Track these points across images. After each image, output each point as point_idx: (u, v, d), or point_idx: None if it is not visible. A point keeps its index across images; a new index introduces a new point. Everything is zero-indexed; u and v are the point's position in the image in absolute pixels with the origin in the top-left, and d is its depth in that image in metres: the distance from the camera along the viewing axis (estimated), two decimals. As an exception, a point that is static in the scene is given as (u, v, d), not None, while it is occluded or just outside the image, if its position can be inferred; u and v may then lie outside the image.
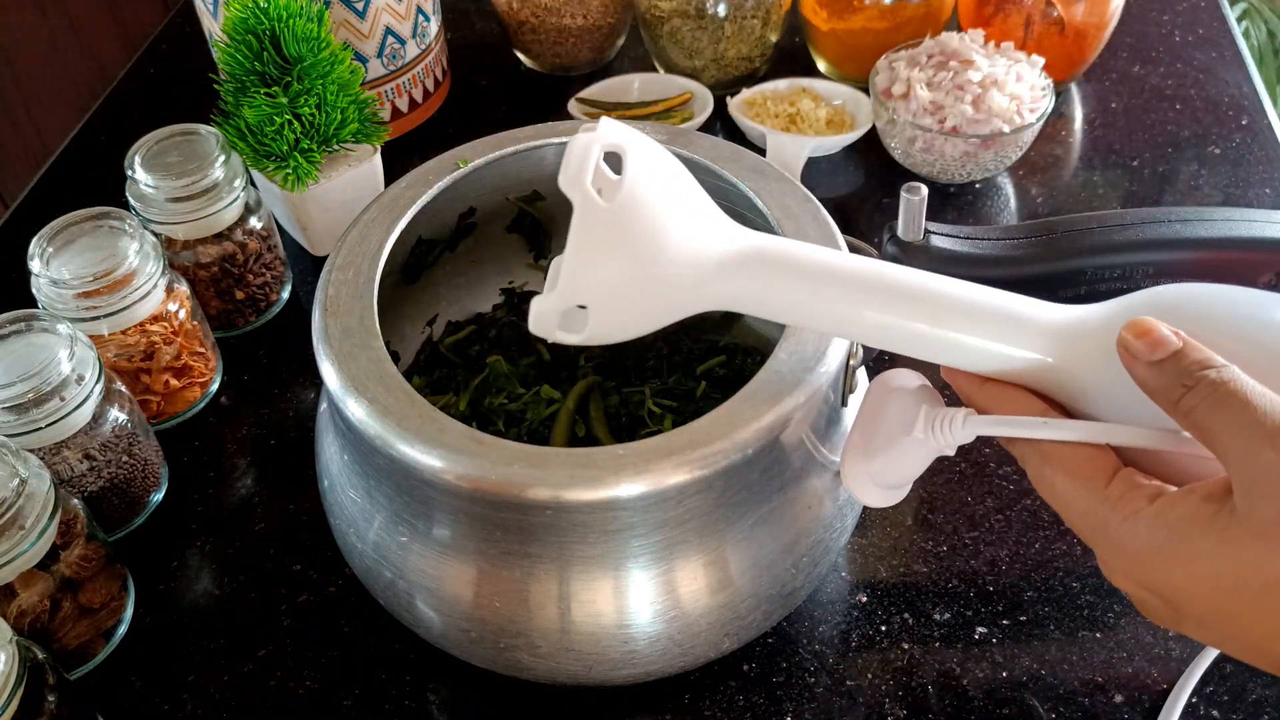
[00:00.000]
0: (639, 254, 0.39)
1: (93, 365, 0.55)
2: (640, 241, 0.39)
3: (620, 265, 0.39)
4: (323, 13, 0.68)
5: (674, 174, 0.41)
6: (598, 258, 0.39)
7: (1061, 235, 0.59)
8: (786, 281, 0.41)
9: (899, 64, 0.78)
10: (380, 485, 0.46)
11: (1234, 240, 0.56)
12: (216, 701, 0.53)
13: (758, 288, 0.41)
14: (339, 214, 0.71)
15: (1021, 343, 0.40)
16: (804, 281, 0.41)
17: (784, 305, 0.41)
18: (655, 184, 0.40)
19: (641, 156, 0.40)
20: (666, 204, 0.40)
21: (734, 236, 0.42)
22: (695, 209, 0.41)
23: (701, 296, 0.41)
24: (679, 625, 0.45)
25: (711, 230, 0.42)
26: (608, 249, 0.39)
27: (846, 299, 0.41)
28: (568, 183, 0.38)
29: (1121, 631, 0.53)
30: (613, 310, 0.40)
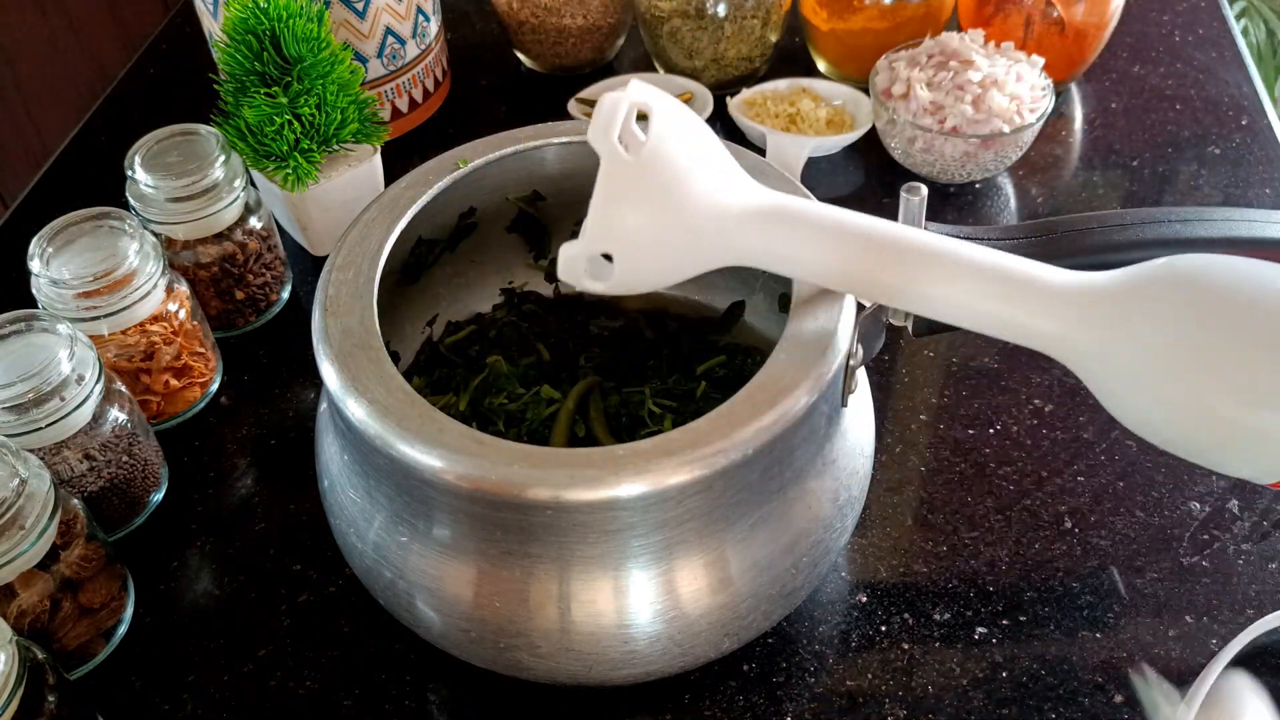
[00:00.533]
0: (663, 204, 0.41)
1: (93, 365, 0.55)
2: (664, 192, 0.40)
3: (644, 214, 0.41)
4: (323, 13, 0.68)
5: (699, 133, 0.43)
6: (623, 207, 0.40)
7: (1061, 235, 0.59)
8: (806, 236, 0.42)
9: (899, 64, 0.78)
10: (380, 485, 0.46)
11: (1234, 240, 0.56)
12: (216, 701, 0.53)
13: (778, 241, 0.42)
14: (339, 214, 0.71)
15: (1033, 307, 0.41)
16: (823, 237, 0.42)
17: (803, 259, 0.43)
18: (680, 141, 0.41)
19: (667, 115, 0.41)
20: (690, 159, 0.41)
21: (756, 192, 0.43)
22: (719, 166, 0.43)
23: (724, 247, 0.43)
24: (679, 625, 0.45)
25: (734, 186, 0.43)
26: (633, 199, 0.40)
27: (863, 257, 0.42)
28: (596, 136, 0.40)
29: (1121, 631, 0.53)
30: (637, 258, 0.41)
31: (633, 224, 0.41)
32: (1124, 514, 0.58)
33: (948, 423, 0.63)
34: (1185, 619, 0.53)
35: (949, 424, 0.62)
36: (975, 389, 0.64)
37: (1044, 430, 0.62)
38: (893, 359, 0.66)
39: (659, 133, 0.40)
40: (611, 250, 0.41)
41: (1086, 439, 0.61)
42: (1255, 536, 0.56)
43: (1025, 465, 0.60)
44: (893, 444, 0.62)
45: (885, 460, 0.61)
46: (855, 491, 0.50)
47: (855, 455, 0.50)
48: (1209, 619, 0.53)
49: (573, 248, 0.41)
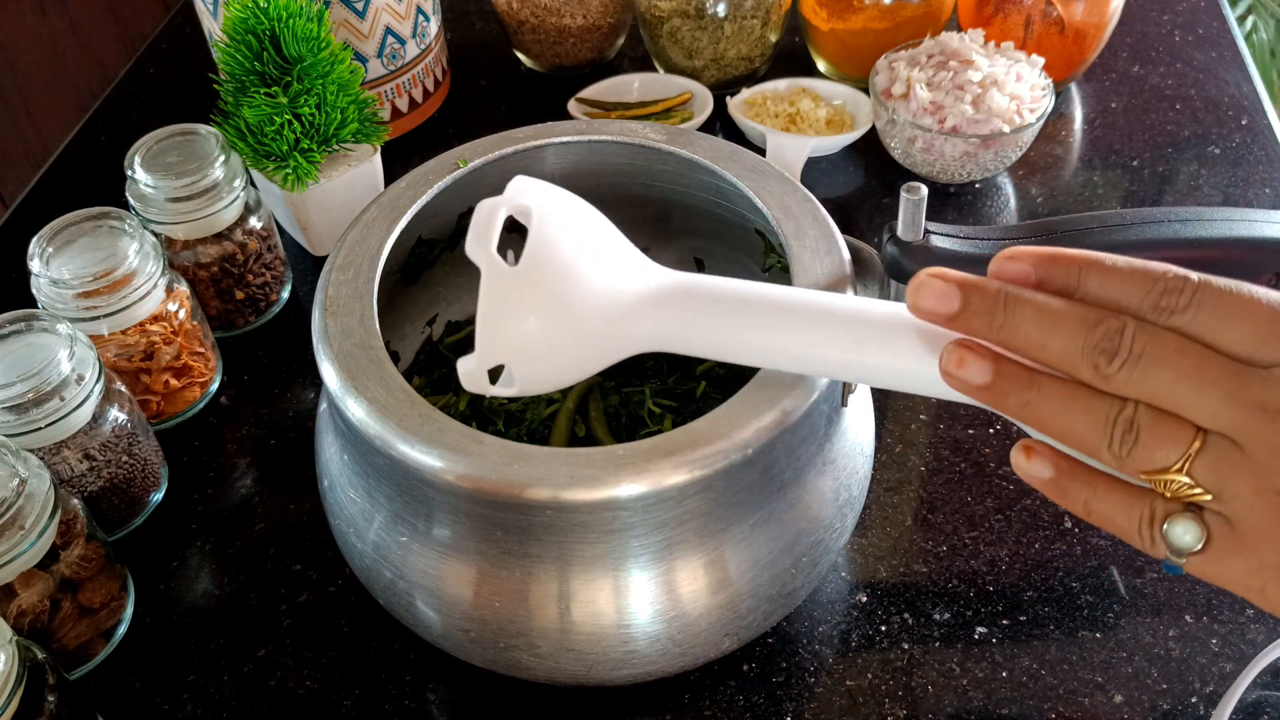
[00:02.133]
0: (549, 309, 0.40)
1: (93, 365, 0.55)
2: (549, 296, 0.40)
3: (532, 323, 0.40)
4: (323, 13, 0.68)
5: (587, 225, 0.42)
6: (507, 321, 0.40)
7: (1061, 235, 0.59)
8: (704, 315, 0.41)
9: (899, 64, 0.78)
10: (380, 485, 0.46)
11: (1234, 240, 0.56)
12: (216, 701, 0.53)
13: (677, 326, 0.41)
14: (339, 214, 0.71)
15: None
16: (721, 313, 0.41)
17: (706, 340, 0.41)
18: (563, 240, 0.40)
19: (547, 216, 0.40)
20: (575, 254, 0.40)
21: (651, 275, 0.42)
22: (610, 255, 0.42)
23: (622, 339, 0.42)
24: (679, 625, 0.45)
25: (627, 275, 0.42)
26: (518, 310, 0.40)
27: (764, 329, 0.40)
28: (473, 248, 0.39)
29: (1121, 631, 0.53)
30: (533, 365, 0.41)
31: (520, 337, 0.40)
32: (1124, 514, 0.58)
33: (948, 422, 0.63)
34: (1185, 619, 0.53)
35: (949, 424, 0.62)
36: (975, 389, 0.64)
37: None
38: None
39: (536, 238, 0.40)
40: (505, 362, 0.41)
41: (1086, 439, 0.61)
42: (1255, 536, 0.56)
43: (1025, 465, 0.60)
44: (893, 444, 0.62)
45: (885, 460, 0.61)
46: (855, 491, 0.50)
47: (855, 455, 0.50)
48: (1209, 619, 0.53)
49: (468, 362, 0.40)
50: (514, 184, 0.41)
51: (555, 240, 0.40)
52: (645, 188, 0.58)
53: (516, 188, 0.41)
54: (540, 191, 0.41)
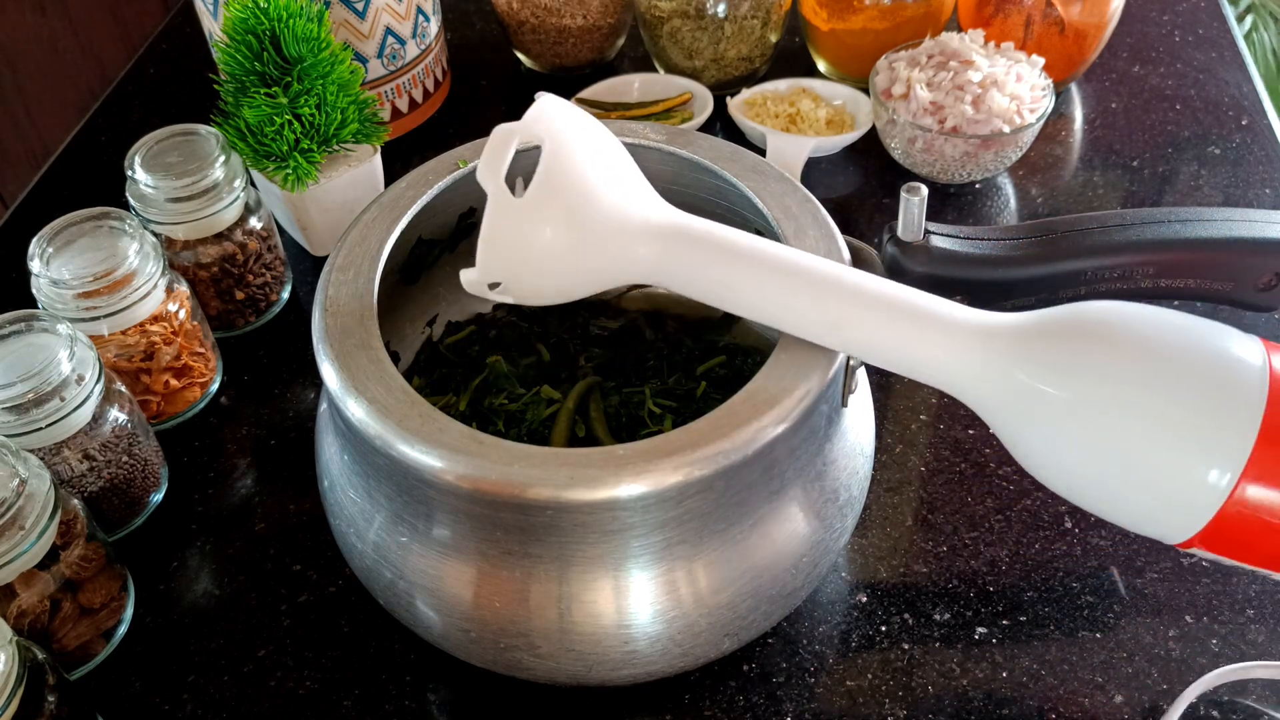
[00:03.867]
0: (550, 238, 0.41)
1: (93, 365, 0.55)
2: (552, 228, 0.41)
3: (531, 250, 0.42)
4: (323, 13, 0.68)
5: (599, 154, 0.42)
6: (506, 248, 0.41)
7: (1061, 235, 0.59)
8: (708, 257, 0.42)
9: (899, 64, 0.78)
10: (380, 485, 0.46)
11: (1234, 240, 0.56)
12: (216, 701, 0.53)
13: (675, 261, 0.43)
14: (339, 214, 0.71)
15: (937, 342, 0.41)
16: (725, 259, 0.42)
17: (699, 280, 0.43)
18: (570, 171, 0.41)
19: (559, 146, 0.41)
20: (582, 192, 0.41)
21: (661, 210, 0.43)
22: (617, 186, 0.42)
23: (618, 268, 0.43)
24: (679, 625, 0.45)
25: (634, 204, 0.43)
26: (518, 238, 0.41)
27: (765, 283, 0.42)
28: (482, 174, 0.40)
29: (1121, 631, 0.53)
30: (529, 284, 0.43)
31: (517, 262, 0.42)
32: (1124, 514, 0.58)
33: (948, 423, 0.63)
34: (1185, 619, 0.53)
35: (949, 424, 0.62)
36: (975, 389, 0.64)
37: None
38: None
39: (544, 171, 0.41)
40: (502, 281, 0.42)
41: (1086, 439, 0.61)
42: (1255, 536, 0.56)
43: (1025, 465, 0.60)
44: (893, 444, 0.62)
45: (885, 460, 0.61)
46: (855, 491, 0.50)
47: (855, 455, 0.50)
48: (1209, 619, 0.53)
49: (470, 274, 0.43)
50: (533, 109, 0.42)
51: (561, 173, 0.41)
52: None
53: (534, 115, 0.41)
54: (556, 120, 0.42)
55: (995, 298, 0.59)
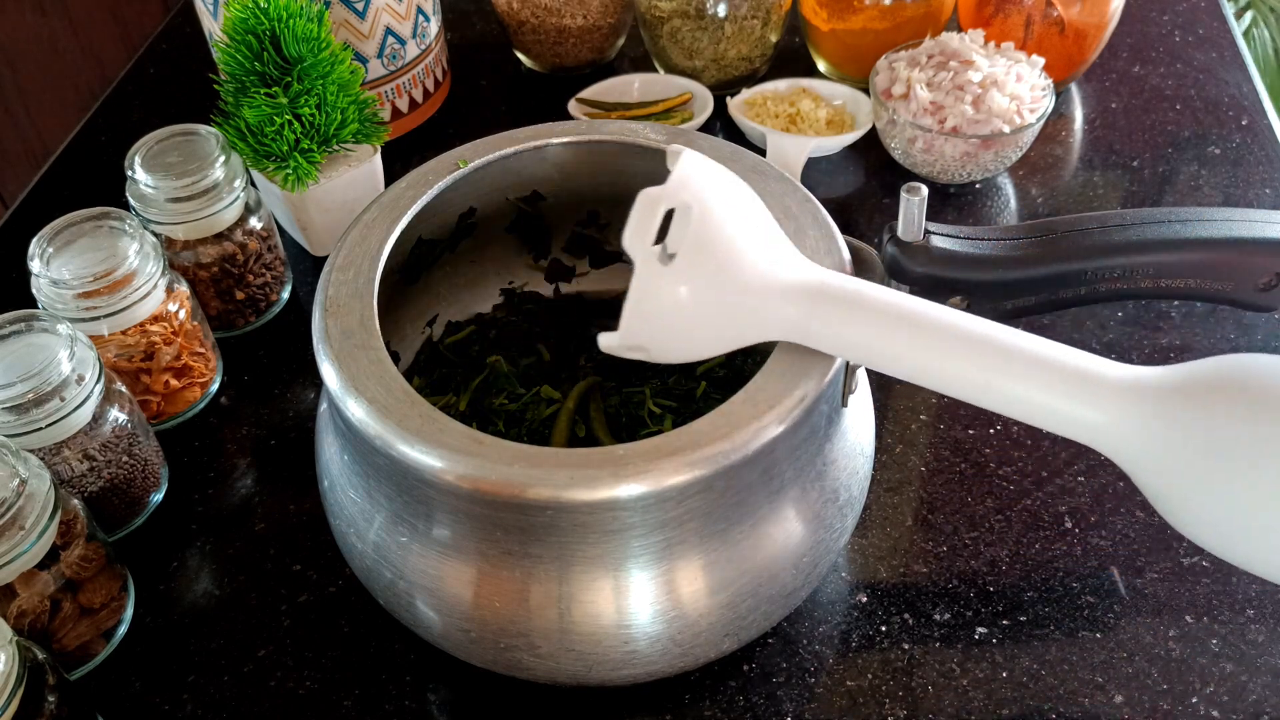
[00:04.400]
0: (696, 304, 0.41)
1: (93, 365, 0.55)
2: (698, 293, 0.41)
3: (677, 318, 0.42)
4: (323, 13, 0.68)
5: (744, 214, 0.42)
6: (652, 314, 0.41)
7: (1061, 235, 0.59)
8: (842, 317, 0.42)
9: (899, 64, 0.78)
10: (380, 485, 0.46)
11: (1234, 240, 0.56)
12: (216, 701, 0.53)
13: (821, 322, 0.42)
14: (339, 214, 0.71)
15: (1080, 399, 0.40)
16: (866, 321, 0.42)
17: (845, 342, 0.43)
18: (717, 237, 0.41)
19: (706, 212, 0.41)
20: (728, 254, 0.41)
21: (803, 269, 0.43)
22: (759, 251, 0.42)
23: (762, 327, 0.43)
24: (679, 625, 0.45)
25: (778, 264, 0.43)
26: (660, 307, 0.41)
27: (909, 343, 0.42)
28: (630, 241, 0.40)
29: (1121, 631, 0.53)
30: (670, 349, 0.43)
31: (662, 329, 0.42)
32: (1124, 514, 0.58)
33: (948, 422, 0.63)
34: (1185, 619, 0.53)
35: (949, 424, 0.62)
36: (975, 389, 0.64)
37: (1044, 430, 0.62)
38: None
39: (695, 235, 0.41)
40: (644, 344, 0.42)
41: (1086, 439, 0.61)
42: (1255, 536, 0.56)
43: (1025, 465, 0.60)
44: (893, 444, 0.62)
45: (885, 460, 0.61)
46: (855, 491, 0.50)
47: (855, 455, 0.50)
48: (1209, 619, 0.53)
49: (610, 339, 0.42)
50: (678, 172, 0.41)
51: (709, 238, 0.41)
52: (645, 188, 0.58)
53: (679, 179, 0.41)
54: (700, 181, 0.42)
55: (995, 298, 0.59)
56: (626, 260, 0.64)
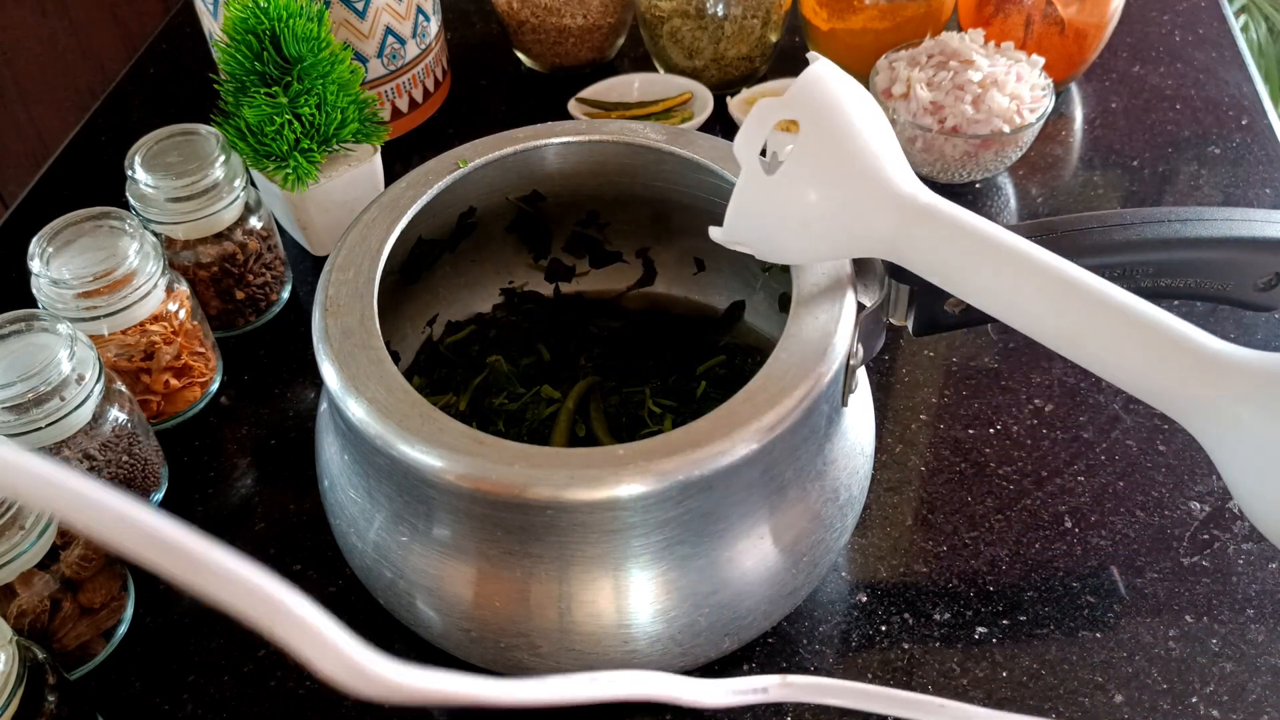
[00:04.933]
0: (792, 221, 0.43)
1: (93, 365, 0.55)
2: (791, 212, 0.42)
3: (773, 225, 0.43)
4: (323, 13, 0.68)
5: (855, 134, 0.42)
6: (753, 219, 0.43)
7: (1061, 235, 0.59)
8: (939, 240, 0.42)
9: (899, 64, 0.78)
10: (380, 485, 0.46)
11: (1234, 240, 0.56)
12: (216, 701, 0.53)
13: (916, 246, 0.43)
14: (339, 214, 0.71)
15: (1174, 367, 0.39)
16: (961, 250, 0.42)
17: (935, 264, 0.43)
18: (823, 154, 0.42)
19: (814, 130, 0.42)
20: (832, 172, 0.42)
21: (904, 190, 0.43)
22: (868, 166, 0.43)
23: (856, 241, 0.44)
24: (679, 625, 0.45)
25: (879, 184, 0.43)
26: (762, 214, 0.43)
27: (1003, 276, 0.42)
28: (740, 147, 0.42)
29: (1121, 631, 0.53)
30: (773, 250, 0.45)
31: (763, 233, 0.43)
32: (1124, 514, 0.58)
33: (948, 422, 0.63)
34: (1185, 619, 0.53)
35: (949, 424, 0.62)
36: (975, 389, 0.64)
37: (1044, 430, 0.62)
38: (893, 359, 0.66)
39: (800, 153, 0.42)
40: (745, 245, 0.44)
41: (1086, 439, 0.61)
42: (1256, 536, 0.56)
43: (1025, 465, 0.60)
44: (893, 444, 0.62)
45: (885, 460, 0.61)
46: (855, 491, 0.50)
47: (855, 455, 0.50)
48: (1209, 619, 0.53)
49: (718, 232, 0.44)
50: (796, 86, 0.42)
51: (813, 155, 0.42)
52: (645, 188, 0.58)
53: (796, 92, 0.42)
54: (816, 97, 0.42)
55: (995, 297, 0.58)
56: (626, 260, 0.64)
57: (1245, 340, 0.66)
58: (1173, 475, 0.59)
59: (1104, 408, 0.63)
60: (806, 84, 0.42)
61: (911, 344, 0.67)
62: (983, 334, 0.67)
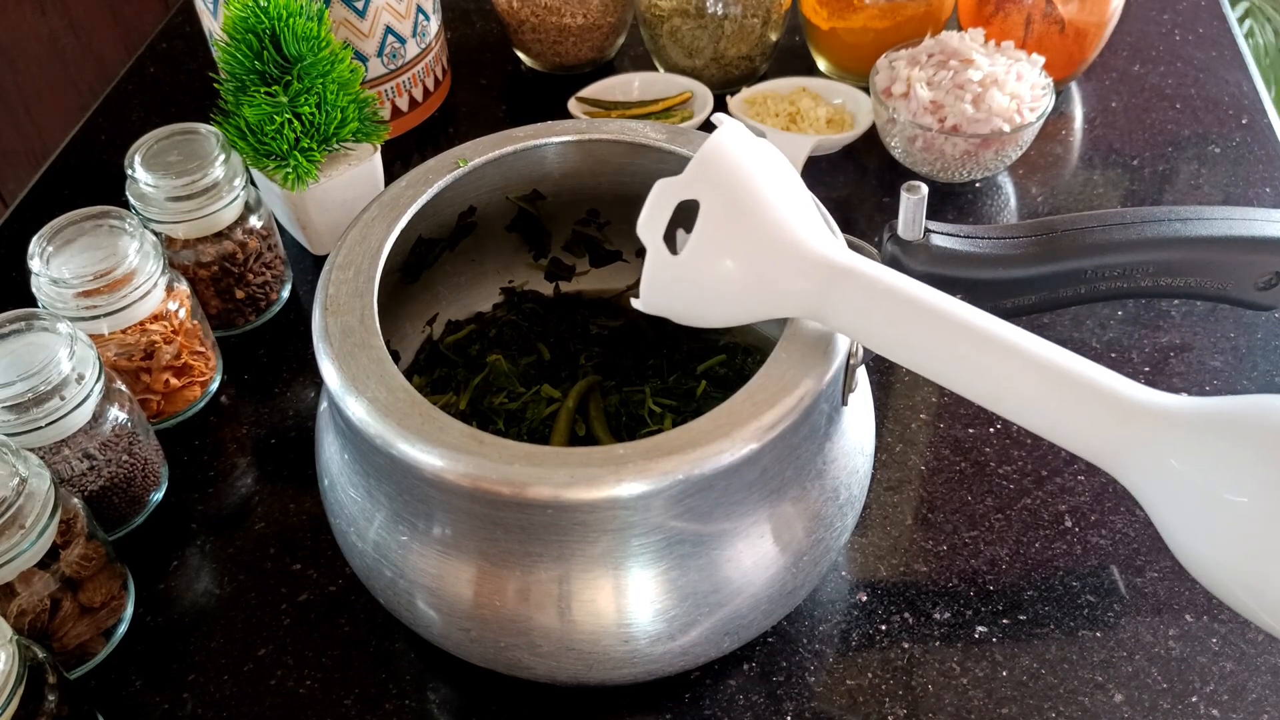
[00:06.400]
0: (705, 294, 0.43)
1: (93, 364, 0.55)
2: (705, 285, 0.43)
3: (687, 300, 0.44)
4: (323, 12, 0.68)
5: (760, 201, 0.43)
6: (668, 295, 0.44)
7: (1061, 234, 0.59)
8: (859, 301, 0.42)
9: (899, 63, 0.78)
10: (380, 484, 0.46)
11: (1234, 240, 0.56)
12: (216, 701, 0.53)
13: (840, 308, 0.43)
14: (339, 213, 0.71)
15: (1097, 419, 0.39)
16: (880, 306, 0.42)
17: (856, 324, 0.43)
18: (728, 225, 0.42)
19: (714, 207, 0.42)
20: (738, 243, 0.42)
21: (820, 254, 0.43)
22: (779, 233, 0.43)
23: (778, 302, 0.44)
24: (679, 624, 0.45)
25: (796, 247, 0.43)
26: (676, 290, 0.43)
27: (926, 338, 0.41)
28: (641, 230, 0.42)
29: (1121, 631, 0.53)
30: (690, 317, 0.45)
31: (680, 300, 0.44)
32: (1124, 513, 0.58)
33: (948, 421, 0.63)
34: (1185, 618, 0.53)
35: (949, 423, 0.62)
36: (975, 388, 0.64)
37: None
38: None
39: (703, 231, 0.42)
40: (667, 312, 0.45)
41: (1087, 438, 0.61)
42: (1255, 536, 0.56)
43: (1025, 464, 0.60)
44: (893, 443, 0.62)
45: (885, 460, 0.61)
46: (855, 491, 0.50)
47: (855, 455, 0.50)
48: (1209, 618, 0.53)
49: (636, 303, 0.45)
50: (692, 166, 0.42)
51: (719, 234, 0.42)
52: (645, 188, 0.57)
53: (694, 172, 0.42)
54: (722, 167, 0.42)
55: (995, 296, 0.59)
56: (626, 259, 0.64)
57: (1245, 339, 0.66)
58: (1173, 474, 0.59)
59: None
60: (703, 160, 0.42)
61: (911, 343, 0.67)
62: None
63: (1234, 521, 0.36)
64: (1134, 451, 0.39)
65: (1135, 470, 0.39)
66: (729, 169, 0.42)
